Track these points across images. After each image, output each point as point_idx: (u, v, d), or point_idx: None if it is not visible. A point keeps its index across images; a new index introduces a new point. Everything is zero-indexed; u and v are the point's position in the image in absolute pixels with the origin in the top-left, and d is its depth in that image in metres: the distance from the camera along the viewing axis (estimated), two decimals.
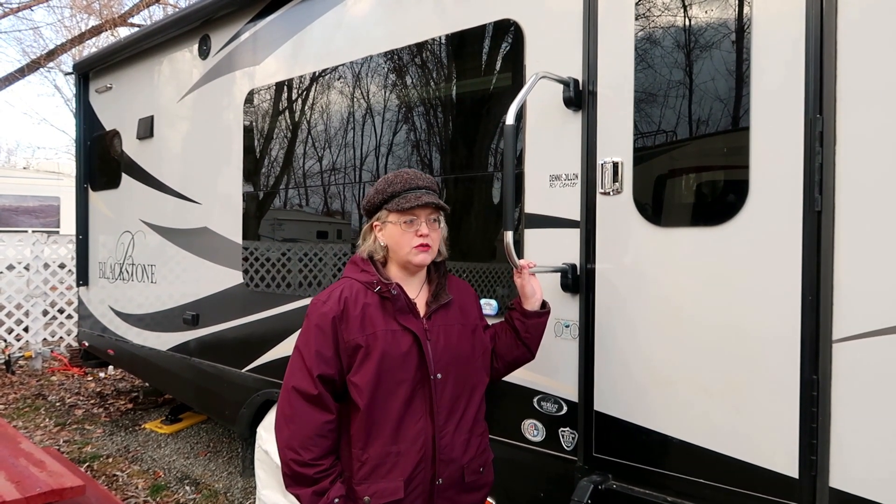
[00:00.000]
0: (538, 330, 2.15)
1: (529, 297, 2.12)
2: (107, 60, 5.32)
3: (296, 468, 1.85)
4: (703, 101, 2.08)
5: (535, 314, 2.12)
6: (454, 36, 2.81)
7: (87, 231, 5.68)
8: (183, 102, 4.47)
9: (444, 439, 1.92)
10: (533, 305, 2.12)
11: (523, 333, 2.11)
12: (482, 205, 2.79)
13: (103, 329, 5.42)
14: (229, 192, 4.04)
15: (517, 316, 2.13)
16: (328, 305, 1.91)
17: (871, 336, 1.76)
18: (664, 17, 2.17)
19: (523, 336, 2.12)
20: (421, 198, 1.91)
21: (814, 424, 1.84)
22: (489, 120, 2.73)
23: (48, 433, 5.52)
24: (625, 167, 2.23)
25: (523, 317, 2.11)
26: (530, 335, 2.13)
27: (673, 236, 2.13)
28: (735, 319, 1.99)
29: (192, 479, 4.49)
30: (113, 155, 5.28)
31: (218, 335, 4.11)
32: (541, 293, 2.15)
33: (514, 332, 2.13)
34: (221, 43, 4.11)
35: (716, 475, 2.03)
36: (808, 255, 1.85)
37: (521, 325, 2.11)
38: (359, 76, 3.24)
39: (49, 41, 17.02)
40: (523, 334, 2.11)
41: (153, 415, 6.00)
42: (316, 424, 1.86)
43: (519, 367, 2.22)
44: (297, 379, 1.89)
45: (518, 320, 2.12)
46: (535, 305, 2.13)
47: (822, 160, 1.82)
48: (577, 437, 2.37)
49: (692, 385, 2.08)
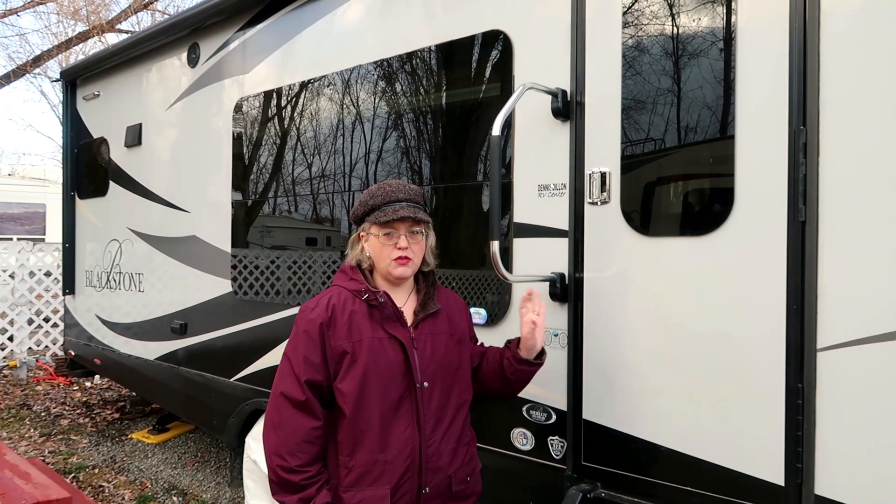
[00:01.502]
0: (526, 378, 2.12)
1: (529, 349, 2.07)
2: (94, 68, 5.30)
3: (282, 474, 1.85)
4: (690, 111, 2.10)
5: (526, 362, 2.08)
6: (443, 46, 2.83)
7: (73, 239, 5.63)
8: (171, 110, 4.45)
9: (430, 448, 1.92)
10: (528, 354, 2.08)
11: (508, 374, 2.08)
12: (471, 214, 2.81)
13: (90, 338, 5.37)
14: (218, 200, 4.03)
15: (509, 357, 2.09)
16: (316, 312, 1.93)
17: (855, 345, 1.79)
18: (651, 28, 2.20)
19: (508, 376, 2.09)
20: (398, 211, 1.92)
21: (799, 432, 1.86)
22: (478, 130, 2.75)
23: (33, 444, 5.45)
24: (612, 177, 2.25)
25: (515, 361, 2.08)
26: (515, 379, 2.10)
27: (660, 246, 2.15)
28: (721, 328, 2.01)
29: (180, 490, 4.45)
30: (100, 163, 5.25)
31: (206, 344, 4.08)
32: (541, 343, 2.10)
33: (500, 369, 2.10)
34: (210, 51, 4.10)
35: (703, 483, 2.04)
36: (792, 264, 1.87)
37: (509, 366, 2.08)
38: (348, 85, 3.25)
39: (35, 47, 16.90)
40: (508, 375, 2.09)
41: (140, 425, 5.94)
42: (303, 430, 1.87)
43: (495, 400, 2.20)
44: (285, 385, 1.91)
45: (507, 360, 2.09)
46: (529, 355, 2.08)
47: (806, 171, 1.85)
48: (565, 446, 2.38)
49: (679, 393, 2.09)
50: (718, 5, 2.05)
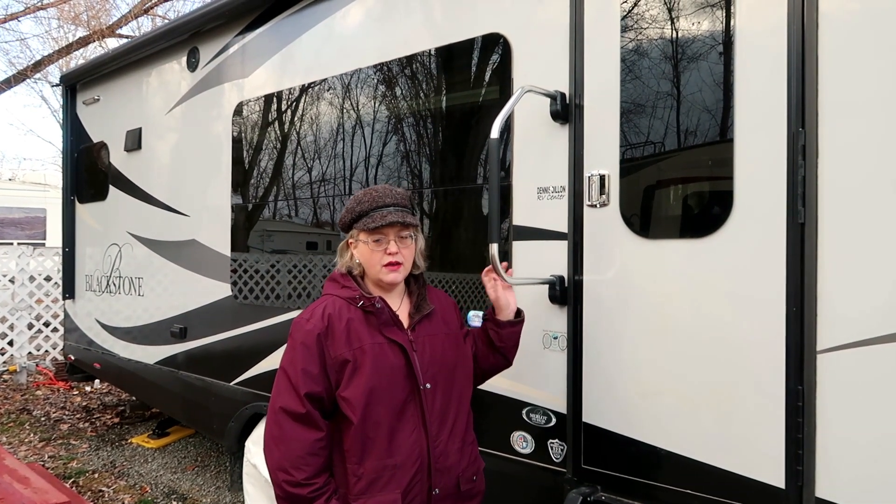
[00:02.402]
0: (513, 339, 2.17)
1: (503, 309, 2.14)
2: (94, 72, 5.31)
3: (289, 489, 1.81)
4: (689, 114, 2.11)
5: (508, 324, 2.14)
6: (442, 49, 2.83)
7: (73, 243, 5.63)
8: (171, 114, 4.46)
9: (438, 448, 1.92)
10: (506, 316, 2.15)
11: (498, 343, 2.14)
12: (471, 217, 2.81)
13: (90, 342, 5.36)
14: (218, 203, 4.03)
15: (491, 326, 2.15)
16: (312, 323, 1.90)
17: (855, 347, 1.78)
18: (649, 31, 2.20)
19: (499, 345, 2.14)
20: (386, 217, 1.91)
21: (799, 434, 1.85)
22: (477, 133, 2.75)
23: (33, 449, 5.44)
24: (611, 180, 2.25)
25: (497, 327, 2.14)
26: (505, 344, 2.15)
27: (659, 248, 2.15)
28: (721, 331, 2.00)
29: (180, 494, 4.44)
30: (100, 167, 5.25)
31: (206, 348, 4.08)
32: (514, 304, 2.17)
33: (488, 341, 2.15)
34: (210, 55, 4.11)
35: (703, 486, 2.04)
36: (792, 266, 1.87)
37: (495, 334, 2.13)
38: (347, 89, 3.25)
39: (36, 52, 16.94)
40: (498, 343, 2.14)
41: (140, 429, 5.93)
42: (306, 443, 1.83)
43: (495, 375, 2.24)
44: (283, 399, 1.87)
45: (492, 330, 2.14)
46: (508, 316, 2.15)
47: (805, 173, 1.85)
48: (565, 449, 2.37)
49: (679, 396, 2.09)
50: (717, 8, 2.05)
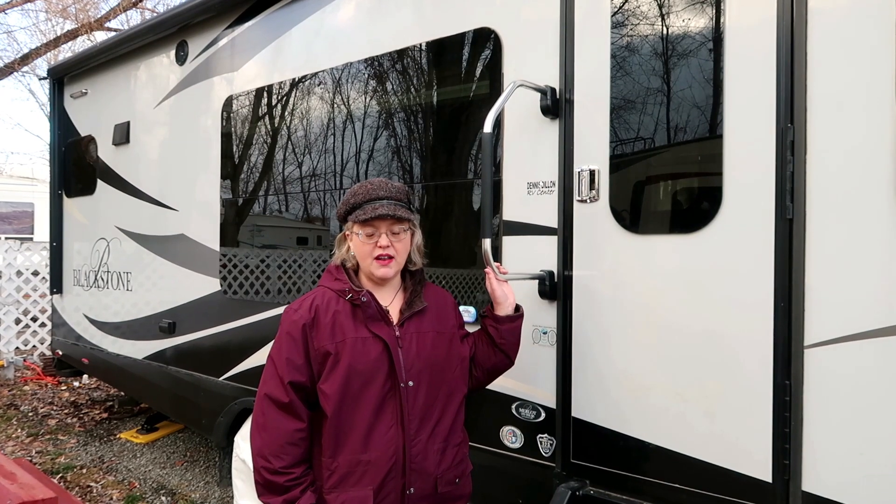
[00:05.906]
0: (513, 335, 2.14)
1: (501, 303, 2.12)
2: (82, 65, 5.26)
3: (267, 476, 1.85)
4: (678, 109, 2.11)
5: (507, 319, 2.11)
6: (433, 44, 2.82)
7: (61, 238, 5.59)
8: (160, 108, 4.42)
9: (415, 448, 1.91)
10: (505, 310, 2.12)
11: (498, 340, 2.10)
12: (461, 211, 2.80)
13: (77, 337, 5.33)
14: (207, 198, 4.01)
15: (490, 322, 2.12)
16: (299, 313, 1.92)
17: (842, 342, 1.80)
18: (640, 27, 2.20)
19: (499, 342, 2.10)
20: (377, 209, 1.90)
21: (786, 429, 1.86)
22: (468, 127, 2.74)
23: (20, 444, 5.40)
24: (601, 175, 2.25)
25: (496, 323, 2.10)
26: (506, 341, 2.11)
27: (648, 243, 2.15)
28: (709, 325, 2.01)
29: (169, 490, 4.42)
30: (88, 161, 5.21)
31: (195, 343, 4.06)
32: (513, 298, 2.14)
33: (489, 340, 2.12)
34: (199, 48, 4.08)
35: (691, 480, 2.05)
36: (780, 262, 1.88)
37: (494, 331, 2.10)
38: (338, 83, 3.24)
39: (23, 45, 16.77)
40: (498, 340, 2.10)
41: (128, 424, 5.90)
42: (287, 432, 1.86)
43: (499, 375, 2.21)
44: (269, 386, 1.91)
45: (491, 327, 2.11)
46: (507, 310, 2.12)
47: (794, 169, 1.86)
48: (555, 444, 2.38)
49: (667, 391, 2.10)
50: (707, 5, 2.05)
